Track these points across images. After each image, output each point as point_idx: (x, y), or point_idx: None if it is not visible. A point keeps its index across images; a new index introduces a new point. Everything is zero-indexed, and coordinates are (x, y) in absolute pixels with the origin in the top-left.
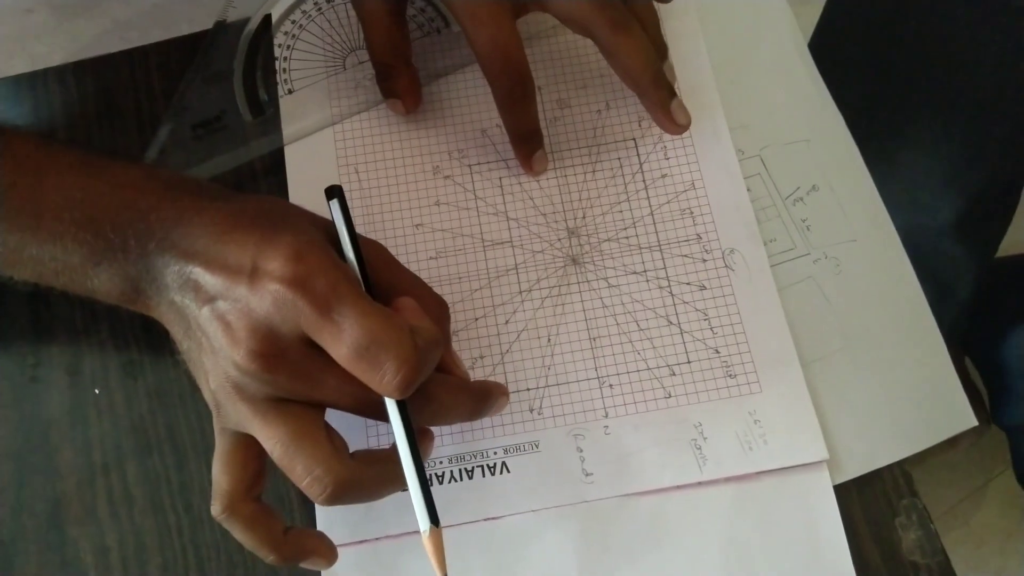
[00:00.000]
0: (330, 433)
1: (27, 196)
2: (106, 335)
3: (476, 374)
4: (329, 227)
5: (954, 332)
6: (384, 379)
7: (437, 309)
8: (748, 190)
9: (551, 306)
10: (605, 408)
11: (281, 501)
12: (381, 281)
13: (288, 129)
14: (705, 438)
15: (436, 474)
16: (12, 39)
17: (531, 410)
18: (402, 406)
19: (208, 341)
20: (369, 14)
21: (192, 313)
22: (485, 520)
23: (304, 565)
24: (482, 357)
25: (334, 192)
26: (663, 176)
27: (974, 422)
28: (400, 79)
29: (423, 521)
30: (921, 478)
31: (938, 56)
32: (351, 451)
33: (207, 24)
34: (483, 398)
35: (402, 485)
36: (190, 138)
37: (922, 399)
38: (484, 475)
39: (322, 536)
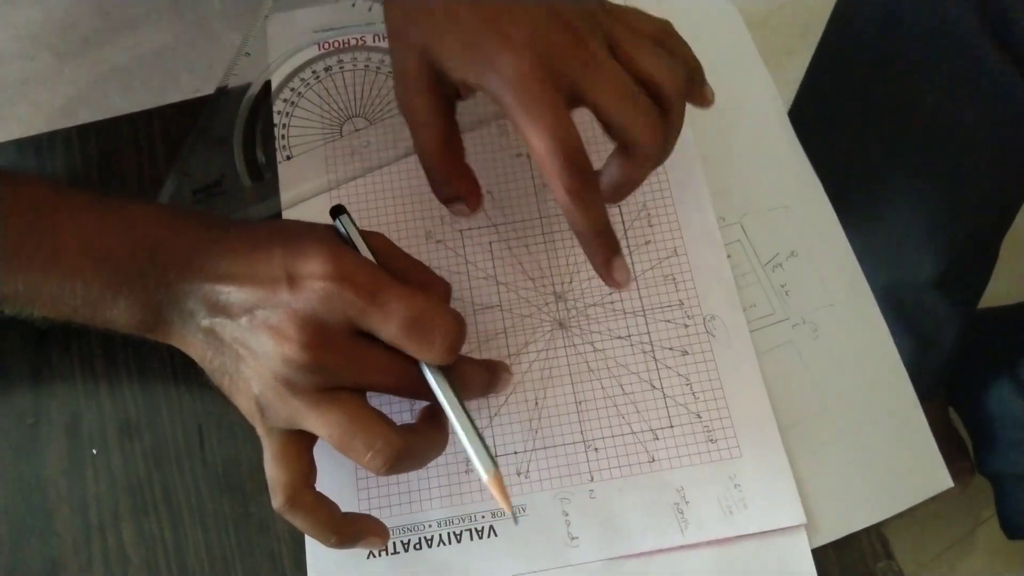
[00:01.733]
0: (378, 412)
1: (44, 237)
2: (104, 395)
3: None
4: (337, 236)
5: (938, 383)
6: (434, 346)
7: (444, 289)
8: (728, 257)
9: (539, 370)
10: (591, 472)
11: (272, 559)
12: (387, 266)
13: (286, 195)
14: (687, 502)
15: (425, 538)
16: (15, 85)
17: (519, 473)
18: (447, 371)
19: (249, 349)
20: (419, 118)
21: (227, 329)
22: None
23: (360, 546)
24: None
25: (339, 210)
26: (647, 243)
27: (949, 483)
28: (461, 182)
29: (485, 465)
30: (907, 525)
31: (916, 119)
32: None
33: (205, 73)
34: (493, 371)
35: (443, 449)
36: (191, 203)
37: (898, 462)
38: (472, 539)
39: (375, 519)
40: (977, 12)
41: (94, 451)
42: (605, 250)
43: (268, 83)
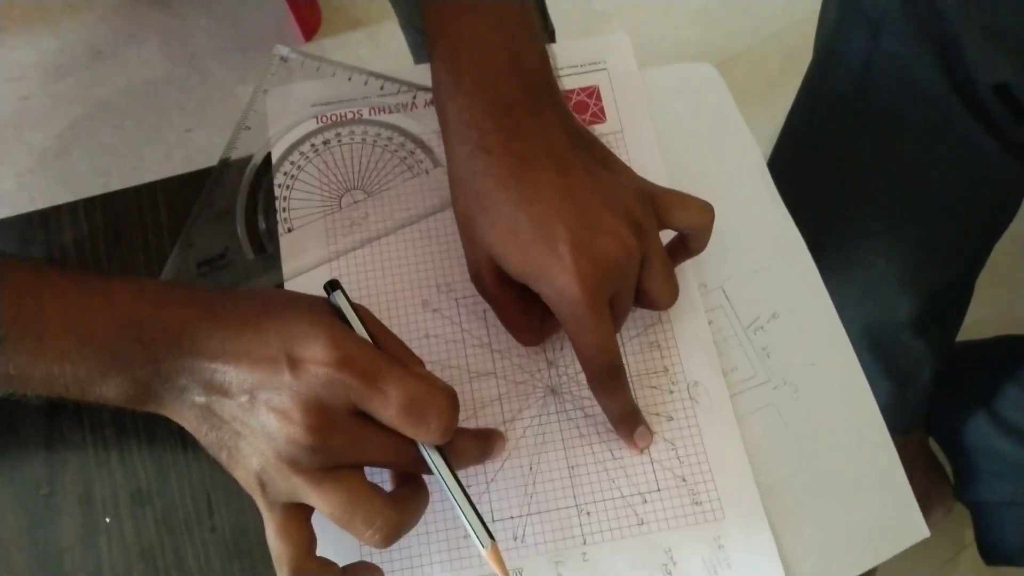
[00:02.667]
0: (374, 488)
1: (31, 322)
2: (116, 464)
3: None
4: (325, 305)
5: (917, 418)
6: (430, 429)
7: (418, 366)
8: (711, 322)
9: (532, 435)
10: (583, 535)
11: None
12: (377, 343)
13: (287, 266)
14: (675, 563)
15: None
16: (9, 127)
17: (515, 538)
18: (442, 451)
19: (249, 428)
20: (494, 302)
21: (224, 408)
22: None
23: None
24: (468, 486)
25: (335, 285)
26: (632, 311)
27: (926, 533)
28: (539, 338)
29: (483, 539)
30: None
31: (891, 168)
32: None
33: (197, 111)
34: (486, 440)
35: (425, 508)
36: (196, 275)
37: (876, 515)
38: None
39: (372, 566)
40: (946, 73)
41: (107, 519)
42: (631, 427)
43: (269, 156)
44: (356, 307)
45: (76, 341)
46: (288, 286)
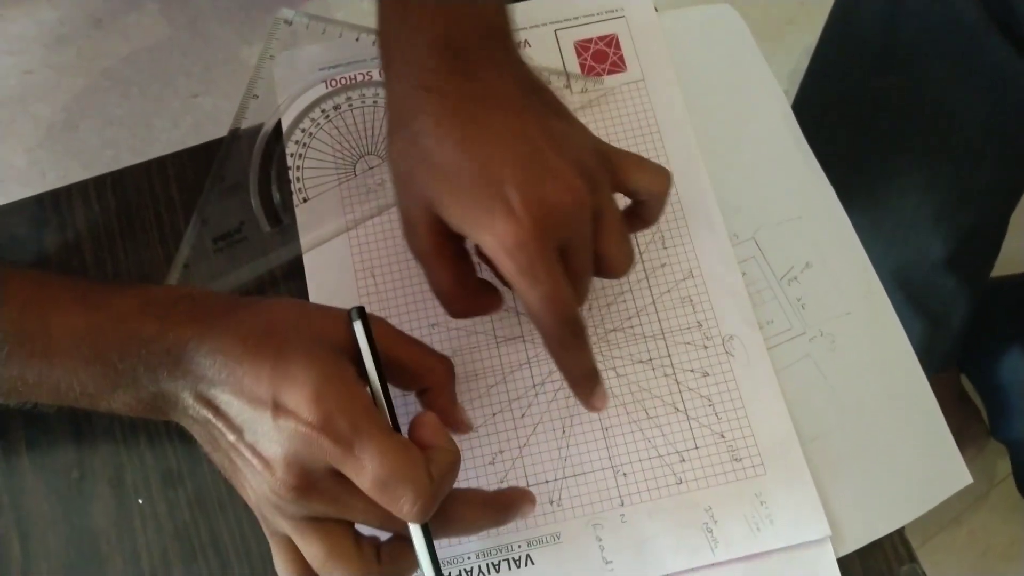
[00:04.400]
0: (359, 542)
1: (36, 337)
2: (145, 446)
3: (496, 468)
4: (337, 337)
5: (950, 357)
6: (403, 509)
7: (444, 372)
8: (744, 274)
9: (563, 398)
10: (620, 496)
11: None
12: (388, 354)
13: (305, 238)
14: (716, 521)
15: (464, 569)
16: (14, 101)
17: (551, 502)
18: (424, 528)
19: (242, 462)
20: (428, 262)
21: (220, 437)
22: None
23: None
24: (501, 452)
25: (359, 314)
26: (662, 266)
27: (969, 480)
28: (477, 309)
29: None
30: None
31: (921, 108)
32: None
33: (202, 75)
34: (505, 508)
35: (416, 569)
36: (212, 251)
37: (918, 465)
38: (510, 568)
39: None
40: (980, 1)
41: (140, 501)
42: (589, 387)
43: (279, 124)
44: (375, 323)
45: (82, 361)
46: (307, 259)
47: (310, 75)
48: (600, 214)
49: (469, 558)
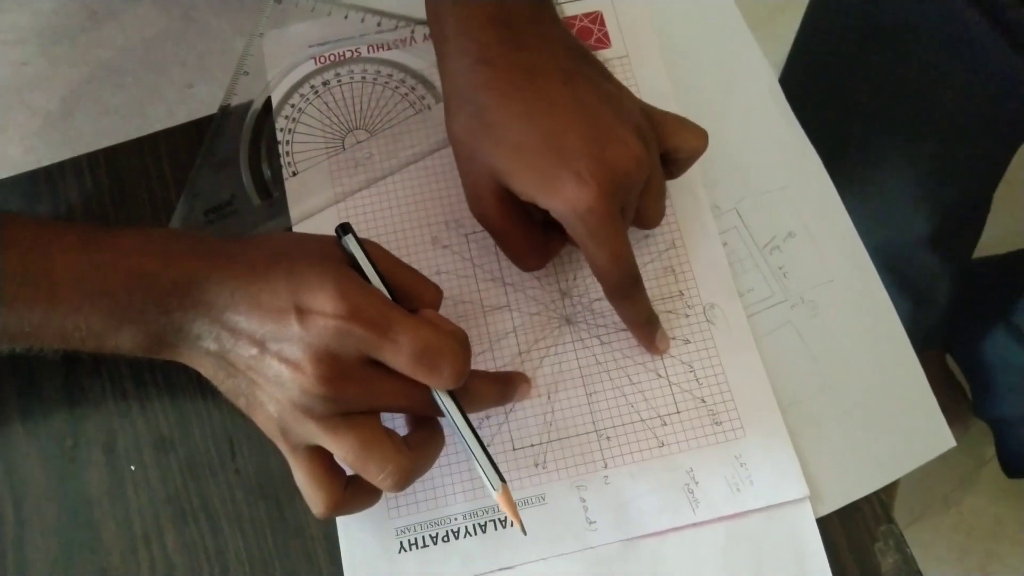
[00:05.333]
0: (388, 432)
1: (40, 278)
2: (137, 414)
3: (483, 432)
4: (338, 255)
5: (935, 335)
6: (443, 375)
7: (435, 295)
8: (724, 244)
9: (549, 365)
10: (604, 459)
11: (309, 559)
12: (387, 274)
13: (295, 210)
14: (696, 482)
15: (452, 530)
16: (10, 91)
17: (536, 464)
18: (455, 396)
19: (264, 377)
20: (496, 229)
21: (239, 357)
22: (500, 570)
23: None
24: (488, 416)
25: (346, 229)
26: (645, 237)
27: (952, 443)
28: (543, 263)
29: (494, 482)
30: (913, 470)
31: (904, 86)
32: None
33: (197, 64)
34: (506, 384)
35: (438, 456)
36: (203, 223)
37: (901, 428)
38: (496, 528)
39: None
40: None
41: (132, 468)
42: (652, 333)
43: (269, 100)
44: (368, 245)
45: (87, 297)
46: (296, 230)
47: (299, 52)
48: (651, 173)
49: (456, 519)
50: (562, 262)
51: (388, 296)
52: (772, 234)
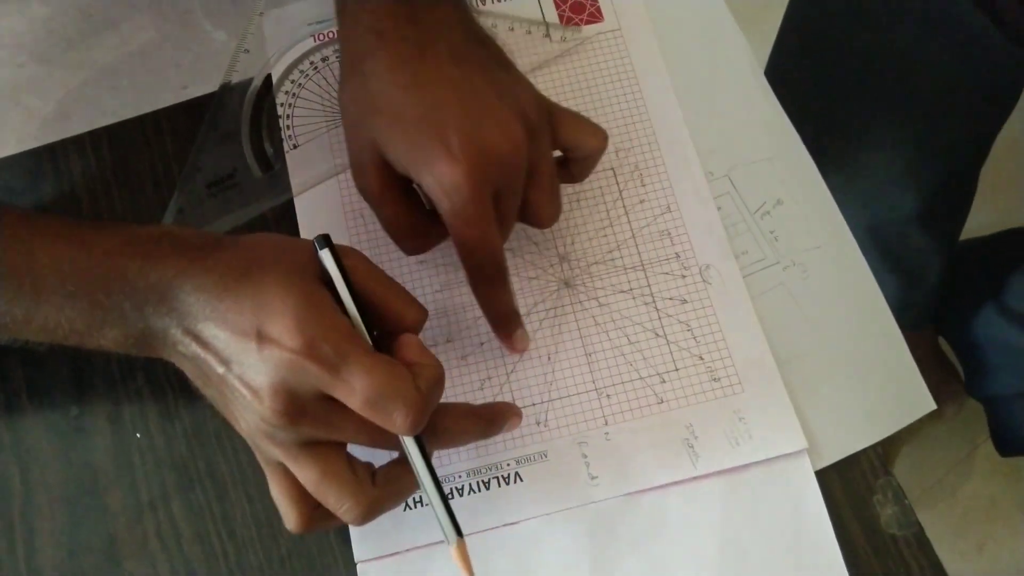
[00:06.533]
0: (353, 464)
1: (23, 273)
2: (142, 383)
3: (485, 394)
4: (313, 267)
5: (926, 315)
6: (395, 424)
7: (412, 321)
8: (719, 208)
9: (548, 327)
10: (604, 416)
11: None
12: (366, 291)
13: (296, 181)
14: (696, 437)
15: (456, 487)
16: (5, 94)
17: (538, 423)
18: (418, 439)
19: (232, 395)
20: (376, 201)
21: (210, 370)
22: (503, 526)
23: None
24: (489, 378)
25: (325, 241)
26: (641, 202)
27: (932, 406)
28: (428, 246)
29: (449, 535)
30: (909, 449)
31: (889, 66)
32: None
33: (193, 67)
34: (491, 420)
35: (414, 490)
36: (205, 196)
37: (886, 388)
38: (499, 485)
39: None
40: None
41: (138, 435)
42: (510, 329)
43: (269, 77)
44: (349, 258)
45: (69, 296)
46: (298, 201)
47: (299, 30)
48: (536, 165)
49: (460, 476)
50: (560, 227)
51: (358, 320)
52: (762, 200)
